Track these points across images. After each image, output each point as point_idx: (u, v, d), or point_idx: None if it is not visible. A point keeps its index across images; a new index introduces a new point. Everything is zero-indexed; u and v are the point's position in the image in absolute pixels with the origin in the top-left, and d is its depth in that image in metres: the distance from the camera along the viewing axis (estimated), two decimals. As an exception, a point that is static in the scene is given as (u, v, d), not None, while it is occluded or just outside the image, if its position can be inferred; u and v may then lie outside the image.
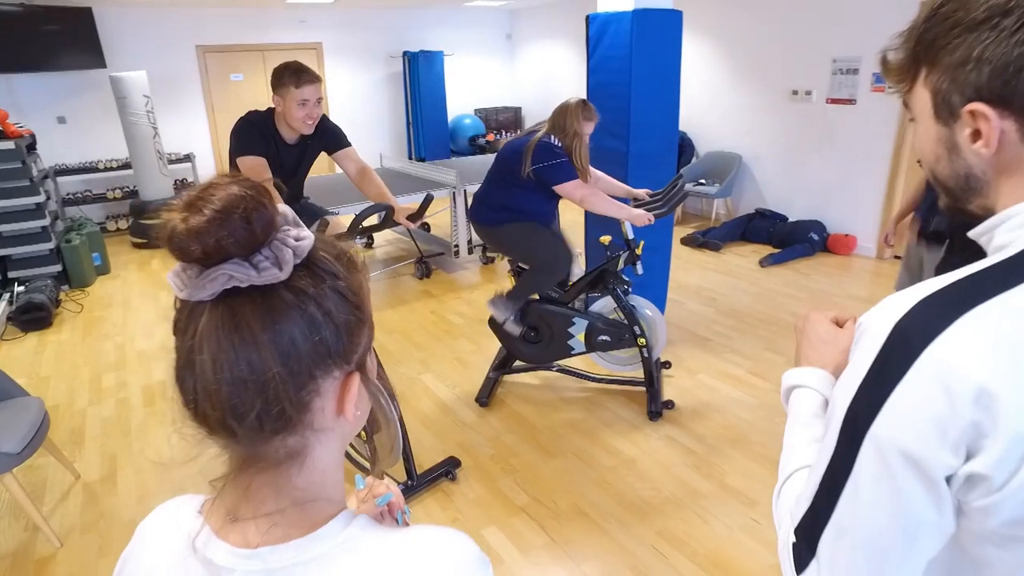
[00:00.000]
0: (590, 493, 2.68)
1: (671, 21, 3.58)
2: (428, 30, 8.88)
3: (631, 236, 3.23)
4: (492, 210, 3.11)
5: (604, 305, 3.47)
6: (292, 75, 2.51)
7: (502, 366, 3.58)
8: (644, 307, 3.43)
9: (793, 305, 4.62)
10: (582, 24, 8.19)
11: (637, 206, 3.23)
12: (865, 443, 0.57)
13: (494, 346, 3.67)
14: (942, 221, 2.47)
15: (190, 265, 0.51)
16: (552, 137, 2.91)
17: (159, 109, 7.00)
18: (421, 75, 8.38)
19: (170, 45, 7.26)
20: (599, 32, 3.64)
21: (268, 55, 7.85)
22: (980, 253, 1.57)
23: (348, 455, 2.76)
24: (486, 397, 3.43)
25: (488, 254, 5.77)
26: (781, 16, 5.93)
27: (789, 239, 5.88)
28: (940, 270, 2.12)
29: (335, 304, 0.54)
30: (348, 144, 2.83)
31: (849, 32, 5.42)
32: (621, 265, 3.26)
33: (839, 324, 0.84)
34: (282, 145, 2.64)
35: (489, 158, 7.01)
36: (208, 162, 7.79)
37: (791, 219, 6.16)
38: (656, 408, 3.23)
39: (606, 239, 3.31)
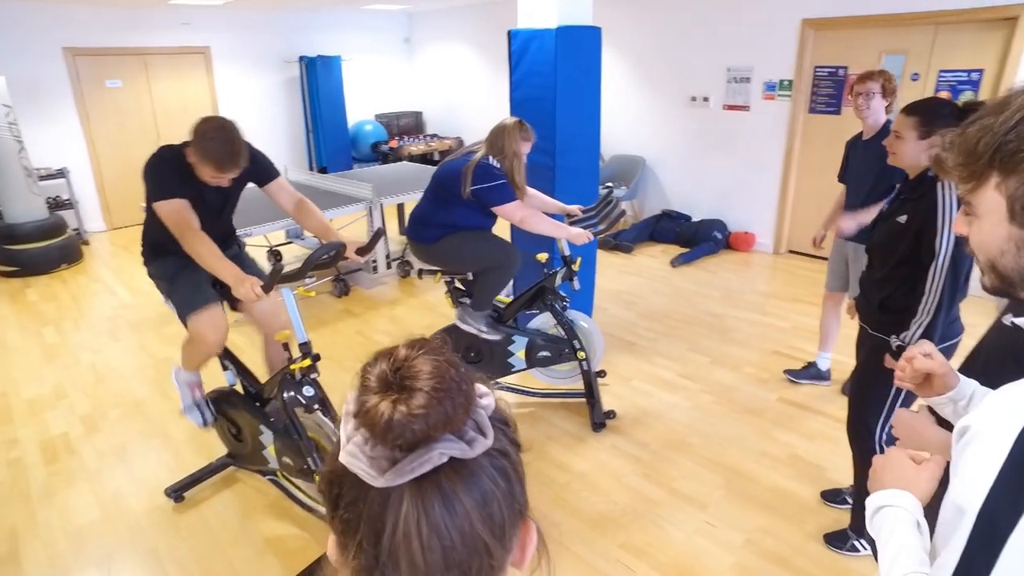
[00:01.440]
0: (550, 513, 2.70)
1: (591, 37, 3.65)
2: (324, 34, 8.54)
3: (568, 253, 3.28)
4: (431, 228, 3.05)
5: (543, 321, 3.50)
6: (217, 158, 2.21)
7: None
8: (581, 320, 3.49)
9: (707, 304, 4.88)
10: (481, 27, 8.26)
11: (572, 223, 3.28)
12: (1011, 541, 0.60)
13: (430, 366, 3.59)
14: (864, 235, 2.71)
15: (381, 447, 0.45)
16: (491, 158, 2.89)
17: (23, 119, 6.28)
18: (319, 81, 8.06)
19: (31, 47, 6.51)
20: (522, 48, 3.65)
21: (150, 59, 7.24)
22: (899, 268, 1.78)
23: (300, 501, 2.61)
24: (429, 421, 3.35)
25: (416, 267, 5.65)
26: (679, 28, 6.22)
27: (695, 238, 6.19)
28: (864, 283, 2.29)
29: (514, 454, 0.52)
30: (277, 174, 2.62)
31: (741, 44, 5.78)
32: (559, 281, 3.30)
33: (915, 461, 0.95)
34: (202, 184, 2.40)
35: (397, 167, 6.87)
36: (86, 177, 7.07)
37: (695, 219, 6.50)
38: (599, 420, 3.30)
39: (543, 256, 3.34)
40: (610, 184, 6.92)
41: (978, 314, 2.08)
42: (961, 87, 4.81)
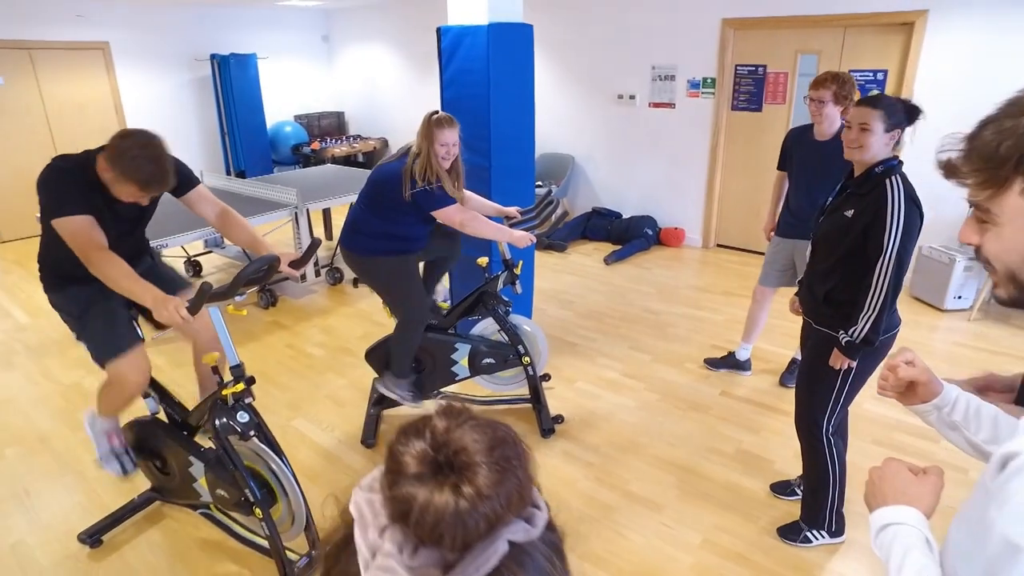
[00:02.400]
0: (505, 527, 2.61)
1: (523, 34, 3.60)
2: (237, 31, 8.10)
3: (508, 256, 3.20)
4: (367, 237, 2.89)
5: (485, 327, 3.40)
6: (143, 179, 1.99)
7: (382, 400, 3.36)
8: (524, 324, 3.42)
9: (643, 301, 4.93)
10: (402, 24, 8.05)
11: (512, 225, 3.19)
12: None
13: (367, 377, 3.44)
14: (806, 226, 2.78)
15: (426, 551, 0.35)
16: (426, 160, 2.76)
17: None
18: (234, 80, 7.63)
19: None
20: (453, 45, 3.54)
21: (37, 55, 6.61)
22: (844, 261, 1.95)
23: (239, 535, 2.41)
24: (372, 437, 3.20)
25: (351, 276, 5.42)
26: (604, 26, 6.26)
27: (626, 235, 6.26)
28: (807, 276, 2.33)
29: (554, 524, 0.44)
30: (198, 182, 2.39)
31: (665, 43, 5.87)
32: (500, 286, 3.22)
33: (913, 472, 0.92)
34: (112, 197, 2.12)
35: (321, 170, 6.59)
36: (-33, 187, 6.39)
37: (625, 216, 6.56)
38: (548, 425, 3.24)
39: (483, 261, 3.24)
40: (540, 183, 6.91)
41: (901, 302, 2.16)
42: (868, 86, 5.06)
